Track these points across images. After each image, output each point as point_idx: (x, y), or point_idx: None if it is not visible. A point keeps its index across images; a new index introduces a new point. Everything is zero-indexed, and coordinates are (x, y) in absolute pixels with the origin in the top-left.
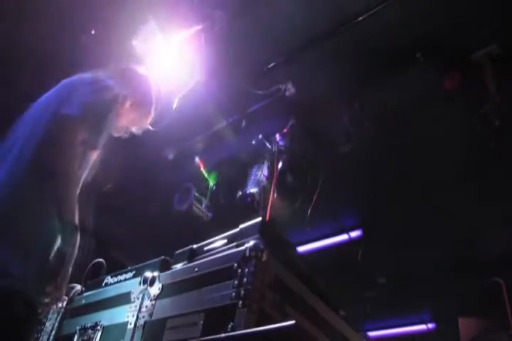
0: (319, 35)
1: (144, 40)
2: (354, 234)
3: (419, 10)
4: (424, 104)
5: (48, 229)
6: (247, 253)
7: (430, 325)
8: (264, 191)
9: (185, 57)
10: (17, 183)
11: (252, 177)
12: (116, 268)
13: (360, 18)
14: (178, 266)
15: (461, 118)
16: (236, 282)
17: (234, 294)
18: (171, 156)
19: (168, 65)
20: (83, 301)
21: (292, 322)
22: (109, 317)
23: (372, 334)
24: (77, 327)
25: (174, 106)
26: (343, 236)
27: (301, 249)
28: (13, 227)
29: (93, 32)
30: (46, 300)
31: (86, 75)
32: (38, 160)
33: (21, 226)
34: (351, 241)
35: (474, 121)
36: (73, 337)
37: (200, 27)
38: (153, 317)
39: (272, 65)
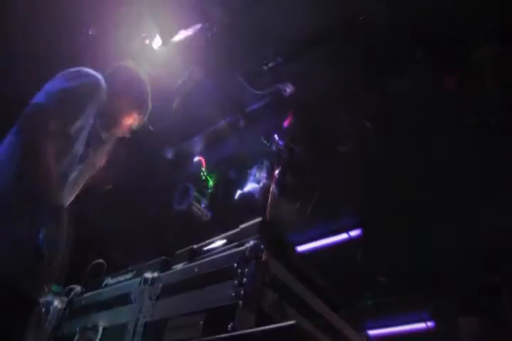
0: (319, 34)
1: (144, 39)
2: (354, 233)
3: (418, 9)
4: (424, 104)
5: (31, 221)
6: (247, 253)
7: (429, 324)
8: (263, 191)
9: (184, 56)
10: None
11: (252, 177)
12: (116, 268)
13: (360, 18)
14: (179, 266)
15: (461, 117)
16: (236, 282)
17: (234, 294)
18: (170, 156)
19: (167, 65)
20: (83, 302)
21: (292, 322)
22: (109, 318)
23: (371, 332)
24: (77, 328)
25: (174, 105)
26: (343, 236)
27: (301, 248)
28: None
29: (90, 32)
30: (38, 284)
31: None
32: (14, 160)
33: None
34: (351, 241)
35: (474, 120)
36: (73, 338)
37: (199, 26)
38: (154, 318)
39: (271, 64)
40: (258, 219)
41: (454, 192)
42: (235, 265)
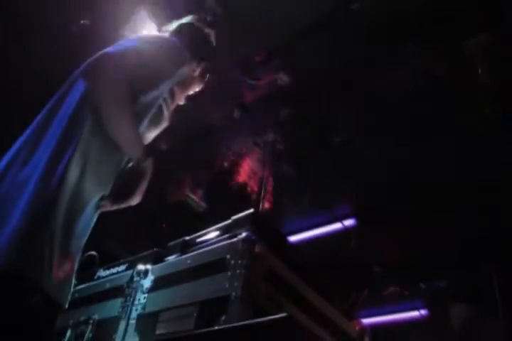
0: (312, 23)
1: (136, 30)
2: (348, 222)
3: None
4: (417, 92)
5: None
6: (240, 244)
7: (423, 312)
8: (258, 181)
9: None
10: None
11: (247, 168)
12: (108, 259)
13: (353, 7)
14: (171, 258)
15: (454, 106)
16: (229, 273)
17: (227, 286)
18: (164, 146)
19: None
20: (76, 295)
21: (285, 314)
22: (101, 310)
23: (365, 321)
24: (70, 321)
25: None
26: (337, 225)
27: (295, 238)
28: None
29: (82, 22)
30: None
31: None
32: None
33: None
34: (345, 230)
35: (466, 110)
36: (66, 331)
37: (192, 16)
38: (146, 310)
39: (265, 53)
40: (250, 211)
41: (449, 181)
42: (228, 257)
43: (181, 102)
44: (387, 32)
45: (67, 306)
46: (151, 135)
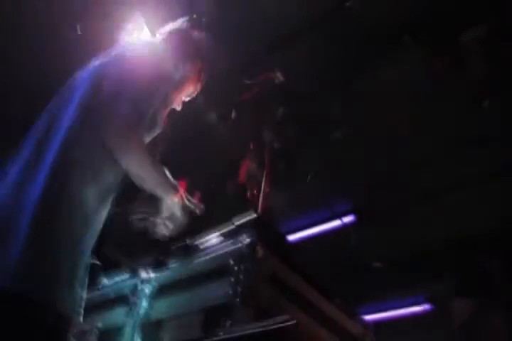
0: (307, 22)
1: (131, 33)
2: (347, 219)
3: None
4: (414, 88)
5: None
6: (243, 250)
7: (425, 306)
8: (256, 181)
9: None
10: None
11: (245, 168)
12: (109, 265)
13: (347, 4)
14: (174, 264)
15: (452, 100)
16: (233, 279)
17: (231, 292)
18: (160, 147)
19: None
20: None
21: (291, 321)
22: (106, 319)
23: (367, 317)
24: (74, 331)
25: None
26: (336, 222)
27: (295, 236)
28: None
29: (78, 26)
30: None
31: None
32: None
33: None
34: (345, 227)
35: (464, 103)
36: None
37: (187, 18)
38: (150, 318)
39: (260, 53)
40: (252, 215)
41: (449, 176)
42: (231, 262)
43: (178, 105)
44: (384, 29)
45: (81, 318)
46: (145, 141)
